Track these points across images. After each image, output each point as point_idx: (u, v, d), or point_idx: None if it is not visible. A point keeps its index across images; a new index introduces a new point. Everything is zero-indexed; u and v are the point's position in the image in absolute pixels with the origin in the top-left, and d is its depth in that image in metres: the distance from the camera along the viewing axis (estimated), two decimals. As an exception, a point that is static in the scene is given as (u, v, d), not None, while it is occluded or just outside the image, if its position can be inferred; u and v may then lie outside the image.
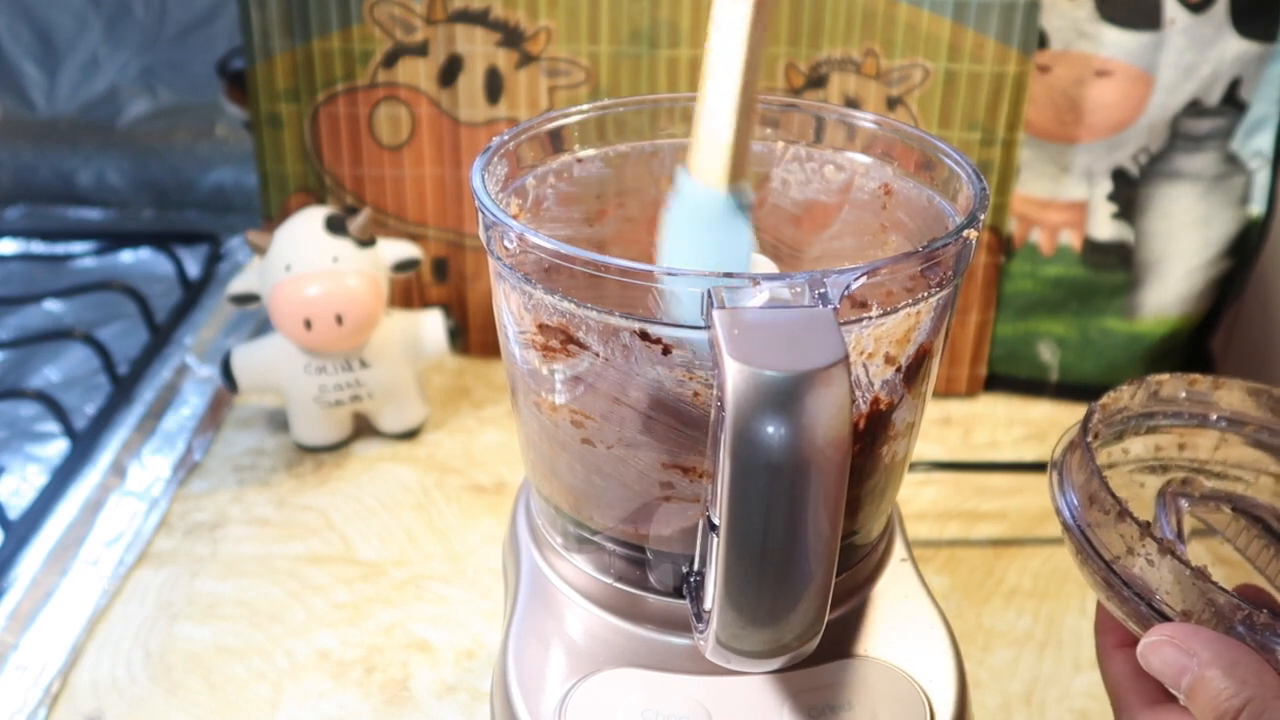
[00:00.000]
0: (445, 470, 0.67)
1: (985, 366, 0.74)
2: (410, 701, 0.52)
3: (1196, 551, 0.45)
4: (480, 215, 0.38)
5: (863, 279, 0.33)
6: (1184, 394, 0.46)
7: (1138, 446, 0.46)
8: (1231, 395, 0.46)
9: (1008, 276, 0.71)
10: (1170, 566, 0.36)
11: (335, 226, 0.64)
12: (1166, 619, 0.36)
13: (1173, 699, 0.36)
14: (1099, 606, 0.42)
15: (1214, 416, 0.46)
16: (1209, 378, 0.46)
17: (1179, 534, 0.44)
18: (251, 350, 0.67)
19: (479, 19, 0.67)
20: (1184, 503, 0.45)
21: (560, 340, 0.36)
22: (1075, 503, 0.40)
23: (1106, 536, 0.38)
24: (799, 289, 0.33)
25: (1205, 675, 0.34)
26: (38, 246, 0.89)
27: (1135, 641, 0.37)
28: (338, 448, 0.68)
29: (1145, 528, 0.37)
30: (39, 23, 0.92)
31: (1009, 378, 0.75)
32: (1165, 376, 0.45)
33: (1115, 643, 0.41)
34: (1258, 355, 0.74)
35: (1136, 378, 0.45)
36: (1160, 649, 0.35)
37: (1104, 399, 0.44)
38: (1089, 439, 0.41)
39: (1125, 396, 0.45)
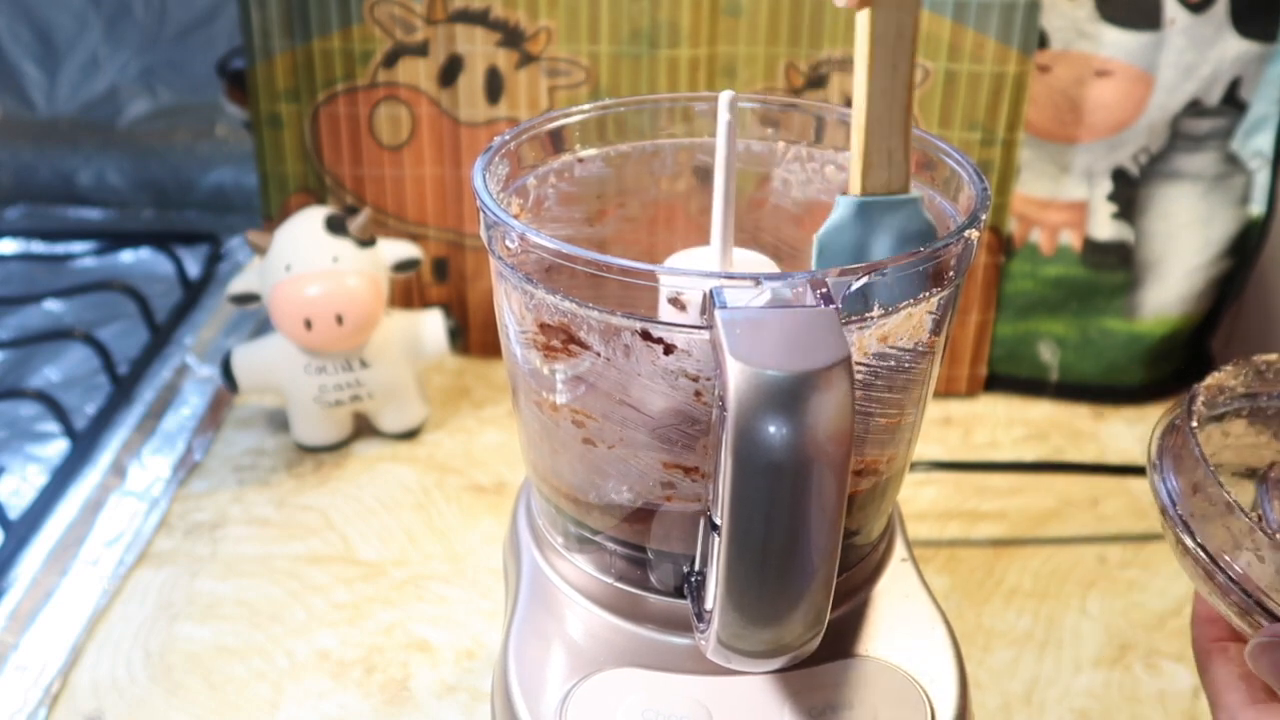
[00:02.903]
0: (445, 470, 0.67)
1: (985, 366, 0.74)
2: (410, 701, 0.52)
3: None
4: (481, 215, 0.38)
5: (864, 279, 0.33)
6: None
7: (1238, 429, 0.43)
8: None
9: (1008, 276, 0.71)
10: None
11: (335, 226, 0.64)
12: (1275, 617, 0.35)
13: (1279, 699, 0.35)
14: (1196, 598, 0.40)
15: None
16: None
17: None
18: (251, 350, 0.67)
19: (479, 19, 0.67)
20: None
21: (561, 340, 0.36)
22: (1177, 490, 0.38)
23: (1210, 528, 0.36)
24: (800, 289, 0.33)
25: None
26: (38, 246, 0.89)
27: (1236, 637, 0.35)
28: (338, 448, 0.68)
29: (1256, 522, 0.35)
30: (39, 23, 0.92)
31: (1009, 378, 0.75)
32: (1273, 356, 0.43)
33: (1215, 636, 0.39)
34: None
35: (1241, 358, 0.42)
36: (1272, 651, 0.34)
37: (1208, 380, 0.41)
38: (1193, 424, 0.39)
39: (1228, 377, 0.42)
